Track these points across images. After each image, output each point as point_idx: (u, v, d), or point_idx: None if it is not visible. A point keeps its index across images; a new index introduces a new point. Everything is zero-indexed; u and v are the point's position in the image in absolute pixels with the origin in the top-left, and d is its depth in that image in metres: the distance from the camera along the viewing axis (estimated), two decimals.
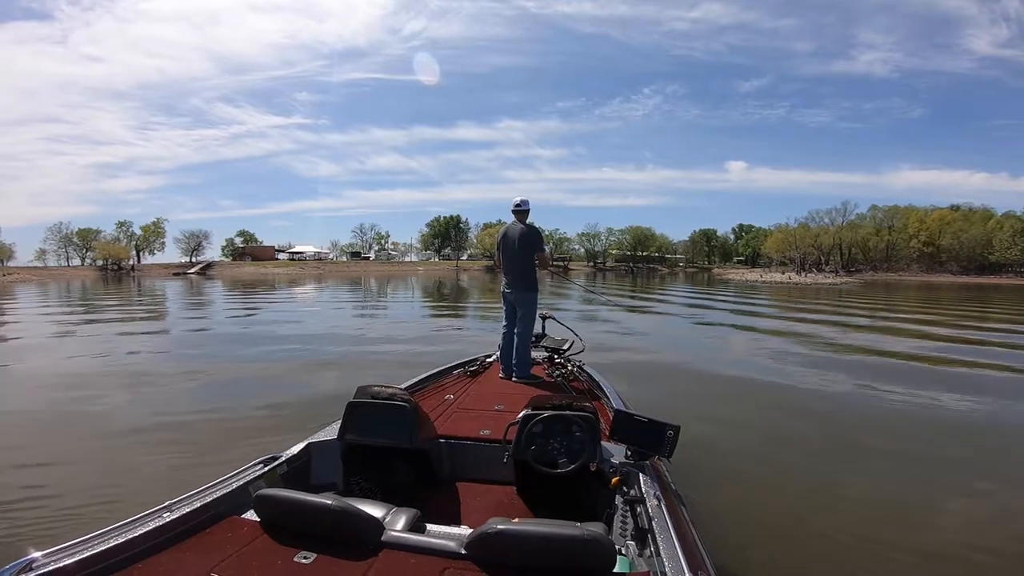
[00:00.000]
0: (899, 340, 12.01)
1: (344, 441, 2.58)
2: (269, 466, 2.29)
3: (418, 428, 2.54)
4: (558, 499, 2.46)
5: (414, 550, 1.68)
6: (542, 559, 1.56)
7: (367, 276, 63.57)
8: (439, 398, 3.64)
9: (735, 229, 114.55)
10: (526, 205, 4.55)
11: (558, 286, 29.72)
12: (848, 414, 5.89)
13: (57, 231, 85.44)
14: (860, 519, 3.41)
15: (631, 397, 3.82)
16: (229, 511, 1.93)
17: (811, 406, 6.19)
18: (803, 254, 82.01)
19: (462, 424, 3.12)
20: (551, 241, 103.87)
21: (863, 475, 4.13)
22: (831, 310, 20.55)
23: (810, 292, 35.73)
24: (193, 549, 1.70)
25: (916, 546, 3.12)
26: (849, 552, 3.04)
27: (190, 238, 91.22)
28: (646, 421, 2.39)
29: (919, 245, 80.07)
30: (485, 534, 1.59)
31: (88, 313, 19.30)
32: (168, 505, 1.83)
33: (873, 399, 6.45)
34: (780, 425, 5.41)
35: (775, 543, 3.13)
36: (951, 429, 5.48)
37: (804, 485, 3.99)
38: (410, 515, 1.95)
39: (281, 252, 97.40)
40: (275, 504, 1.77)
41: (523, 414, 2.52)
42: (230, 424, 5.20)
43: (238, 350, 10.02)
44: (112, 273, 72.43)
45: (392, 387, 2.78)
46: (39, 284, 48.85)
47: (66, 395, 6.36)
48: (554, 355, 4.65)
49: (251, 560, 1.63)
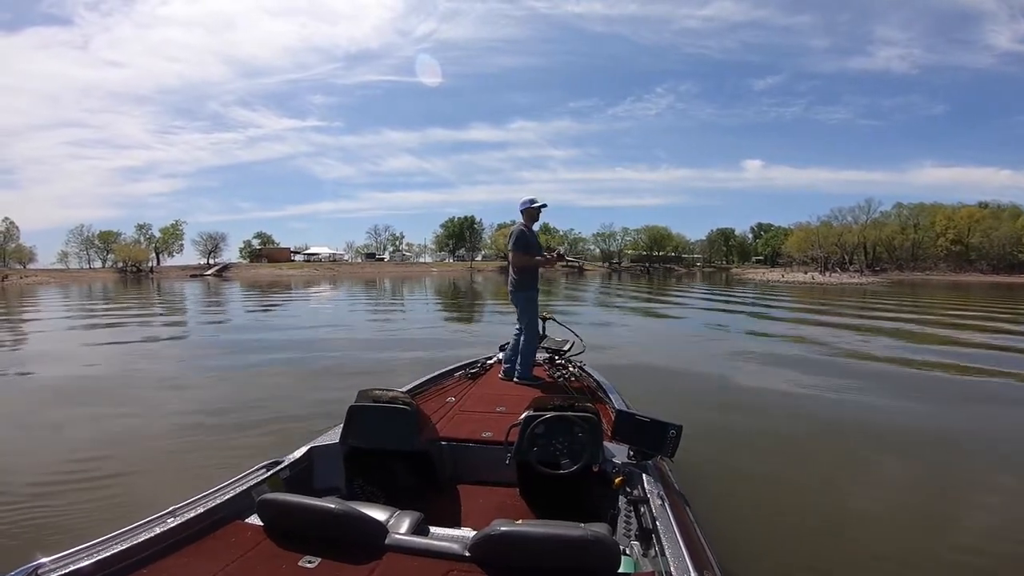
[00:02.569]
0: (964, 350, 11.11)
1: (346, 445, 2.57)
2: (272, 470, 2.28)
3: (420, 431, 2.54)
4: (561, 500, 2.45)
5: (418, 553, 1.67)
6: (546, 560, 1.56)
7: (381, 277, 63.68)
8: (440, 400, 3.63)
9: (753, 228, 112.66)
10: (523, 204, 4.46)
11: (573, 287, 29.14)
12: (864, 420, 5.65)
13: (79, 234, 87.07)
14: (867, 520, 3.36)
15: (633, 397, 3.76)
16: (233, 516, 1.92)
17: (824, 411, 5.97)
18: (827, 253, 79.82)
19: (464, 426, 3.12)
20: (565, 241, 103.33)
21: (871, 477, 4.08)
22: (877, 314, 19.58)
23: (838, 292, 34.49)
24: (197, 554, 1.69)
25: (923, 548, 3.10)
26: (856, 551, 3.00)
27: (207, 240, 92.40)
28: (648, 421, 2.39)
29: (947, 243, 77.55)
30: (489, 536, 1.59)
31: (105, 317, 19.13)
32: (172, 510, 1.81)
33: (887, 407, 6.12)
34: (788, 426, 5.32)
35: (781, 542, 3.11)
36: (975, 441, 5.07)
37: (810, 484, 3.96)
38: (413, 518, 1.95)
39: (297, 254, 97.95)
40: (278, 508, 1.78)
41: (525, 415, 2.50)
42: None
43: (247, 358, 9.59)
44: (131, 275, 73.44)
45: (393, 390, 2.74)
46: (60, 286, 49.62)
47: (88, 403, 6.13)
48: (555, 356, 4.59)
49: (255, 565, 1.63)
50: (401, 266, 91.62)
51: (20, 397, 6.78)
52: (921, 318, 17.36)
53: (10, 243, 79.93)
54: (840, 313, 19.01)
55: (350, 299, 28.65)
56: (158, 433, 5.00)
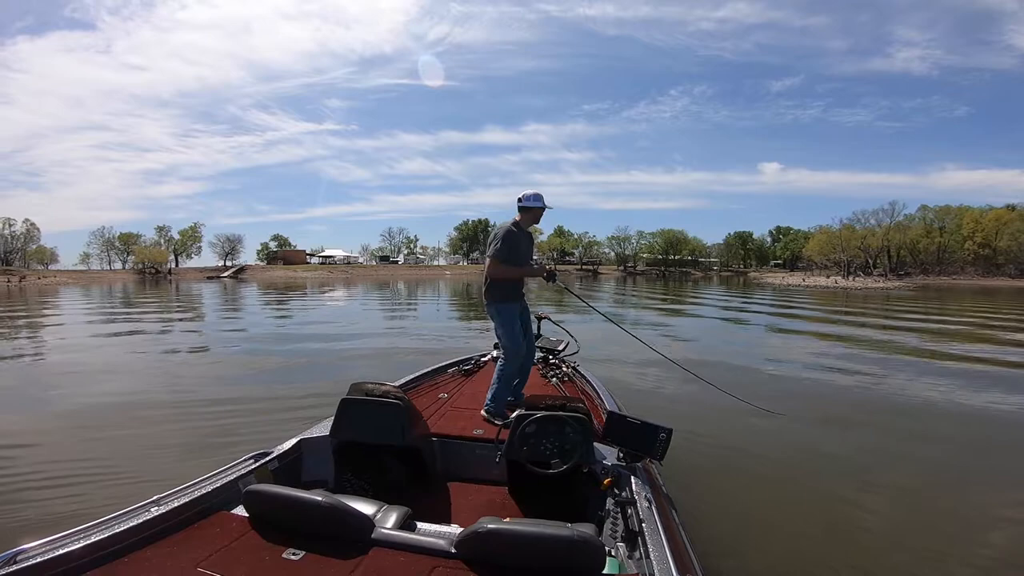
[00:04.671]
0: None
1: (336, 438, 2.54)
2: (260, 462, 2.26)
3: (411, 426, 2.51)
4: (550, 500, 2.45)
5: (404, 548, 1.66)
6: (532, 559, 1.56)
7: (395, 280, 63.85)
8: (433, 396, 3.60)
9: (772, 231, 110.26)
10: (529, 201, 3.62)
11: (588, 289, 28.53)
12: (862, 419, 5.69)
13: (100, 235, 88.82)
14: (853, 525, 3.38)
15: (625, 399, 3.68)
16: (218, 506, 1.90)
17: (823, 412, 5.94)
18: (850, 257, 77.83)
19: (455, 423, 3.10)
20: (580, 244, 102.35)
21: (860, 484, 4.02)
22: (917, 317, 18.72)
23: (868, 297, 33.38)
24: (180, 544, 1.67)
25: (912, 554, 3.08)
26: (840, 557, 3.01)
27: (224, 242, 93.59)
28: (639, 423, 2.37)
29: (974, 247, 75.19)
30: (476, 533, 1.58)
31: (127, 321, 19.03)
32: (156, 499, 1.79)
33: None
34: (781, 430, 5.26)
35: (765, 546, 3.10)
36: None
37: (797, 491, 3.94)
38: (401, 513, 1.93)
39: (312, 256, 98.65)
40: (264, 500, 1.76)
41: (516, 414, 2.48)
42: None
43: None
44: (150, 276, 74.47)
45: (386, 384, 2.71)
46: (78, 286, 50.29)
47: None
48: (549, 356, 4.52)
49: (239, 556, 1.61)
50: (415, 269, 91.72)
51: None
52: (983, 324, 16.49)
53: (31, 244, 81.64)
54: (862, 322, 18.18)
55: (364, 300, 28.57)
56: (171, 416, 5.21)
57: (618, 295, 33.58)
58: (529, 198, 3.60)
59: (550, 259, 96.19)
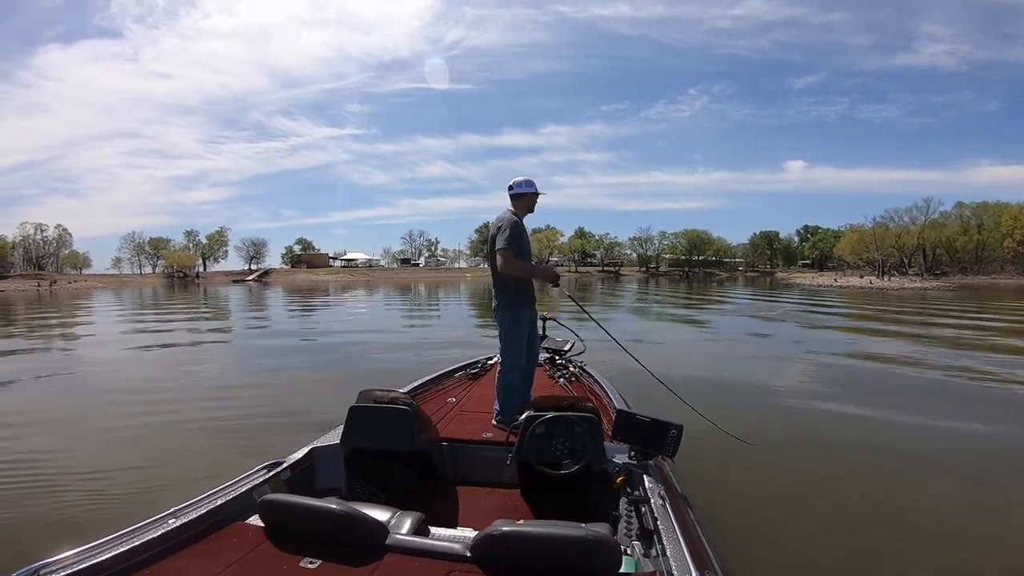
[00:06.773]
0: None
1: (347, 445, 2.55)
2: (273, 471, 2.27)
3: (420, 431, 2.52)
4: (562, 501, 2.43)
5: (419, 553, 1.66)
6: (547, 560, 1.55)
7: (416, 282, 64.20)
8: (441, 401, 3.61)
9: (800, 231, 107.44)
10: (521, 187, 3.36)
11: (609, 292, 27.94)
12: (870, 423, 5.54)
13: (131, 240, 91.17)
14: (868, 520, 3.31)
15: (633, 397, 3.66)
16: (233, 517, 1.91)
17: (835, 414, 5.79)
18: (884, 256, 75.22)
19: (464, 426, 3.10)
20: (601, 245, 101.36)
21: (877, 481, 3.96)
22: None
23: (898, 300, 32.06)
24: (198, 555, 1.68)
25: (922, 549, 3.05)
26: (857, 552, 2.95)
27: (249, 246, 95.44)
28: (649, 421, 2.38)
29: (1013, 244, 71.97)
30: (490, 536, 1.58)
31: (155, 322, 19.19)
32: (173, 511, 1.81)
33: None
34: (797, 427, 5.27)
35: (782, 542, 3.06)
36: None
37: (811, 485, 3.90)
38: (414, 518, 1.93)
39: (335, 259, 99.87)
40: (279, 509, 1.77)
41: (525, 415, 2.47)
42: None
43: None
44: (178, 280, 76.29)
45: (394, 391, 2.72)
46: (109, 290, 51.59)
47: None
48: (555, 356, 4.50)
49: (256, 566, 1.62)
50: (436, 272, 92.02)
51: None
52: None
53: (63, 249, 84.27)
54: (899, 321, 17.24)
55: (386, 303, 28.55)
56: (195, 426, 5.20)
57: (641, 295, 32.94)
58: (521, 184, 3.35)
59: (571, 260, 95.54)
